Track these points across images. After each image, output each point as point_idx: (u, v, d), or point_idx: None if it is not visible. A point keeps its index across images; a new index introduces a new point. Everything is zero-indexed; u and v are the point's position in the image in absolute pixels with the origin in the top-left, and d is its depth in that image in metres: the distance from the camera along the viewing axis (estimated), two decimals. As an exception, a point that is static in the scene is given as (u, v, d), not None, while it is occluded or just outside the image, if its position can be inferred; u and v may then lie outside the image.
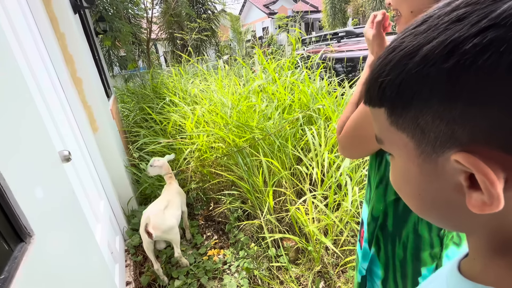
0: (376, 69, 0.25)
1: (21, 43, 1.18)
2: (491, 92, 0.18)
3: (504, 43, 0.17)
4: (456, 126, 0.20)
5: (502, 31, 0.18)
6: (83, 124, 1.86)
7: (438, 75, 0.20)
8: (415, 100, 0.22)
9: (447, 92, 0.20)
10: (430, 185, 0.25)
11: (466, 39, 0.19)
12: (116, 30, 4.77)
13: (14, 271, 0.51)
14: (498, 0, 0.19)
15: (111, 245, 1.70)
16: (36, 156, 0.78)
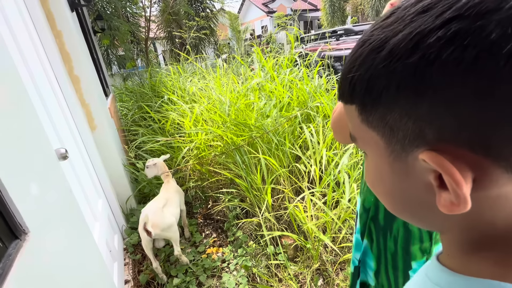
0: (347, 63, 0.24)
1: (17, 40, 1.17)
2: (456, 88, 0.17)
3: (468, 36, 0.16)
4: (423, 124, 0.20)
5: (466, 22, 0.17)
6: (81, 122, 1.85)
7: (404, 71, 0.19)
8: (383, 97, 0.21)
9: (413, 89, 0.19)
10: (402, 184, 0.24)
11: (430, 32, 0.18)
12: (115, 29, 4.76)
13: (8, 269, 0.50)
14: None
15: (110, 244, 1.70)
16: (32, 153, 0.78)
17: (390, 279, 0.66)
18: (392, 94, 0.20)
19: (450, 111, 0.18)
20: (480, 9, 0.16)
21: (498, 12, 0.16)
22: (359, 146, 0.28)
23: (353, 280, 0.71)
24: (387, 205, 0.28)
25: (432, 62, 0.18)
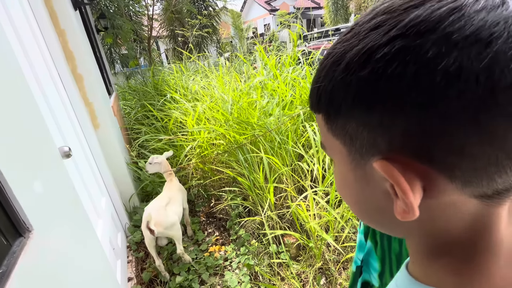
0: (315, 74, 0.25)
1: (20, 39, 1.18)
2: (400, 101, 0.18)
3: (409, 53, 0.18)
4: (375, 134, 0.21)
5: (408, 40, 0.18)
6: (84, 121, 1.86)
7: (357, 83, 0.20)
8: (342, 108, 0.22)
9: (366, 100, 0.20)
10: (364, 191, 0.25)
11: (378, 48, 0.19)
12: (117, 28, 4.77)
13: (12, 266, 0.51)
14: (409, 9, 0.19)
15: (113, 241, 1.71)
16: (35, 152, 0.78)
17: None
18: (349, 106, 0.21)
19: (396, 123, 0.19)
20: (419, 28, 0.18)
21: (434, 32, 0.17)
22: (328, 154, 0.29)
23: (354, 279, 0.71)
24: (354, 211, 0.29)
25: (380, 76, 0.19)
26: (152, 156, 1.96)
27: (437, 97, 0.17)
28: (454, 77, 0.17)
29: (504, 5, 0.17)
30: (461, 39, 0.17)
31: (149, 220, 1.52)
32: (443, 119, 0.18)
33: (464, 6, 0.17)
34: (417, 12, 0.18)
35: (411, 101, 0.18)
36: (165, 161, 1.96)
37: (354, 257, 0.72)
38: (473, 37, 0.16)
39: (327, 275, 1.56)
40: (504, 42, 0.16)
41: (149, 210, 1.59)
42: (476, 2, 0.17)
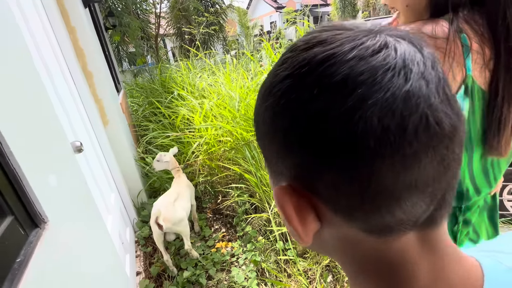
0: None
1: (34, 36, 1.20)
2: (289, 136, 0.20)
3: (293, 93, 0.19)
4: (279, 162, 0.22)
5: (293, 81, 0.19)
6: (94, 117, 1.89)
7: (264, 113, 0.22)
8: (260, 133, 0.24)
9: (270, 130, 0.21)
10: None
11: (276, 84, 0.21)
12: (125, 26, 4.81)
13: (29, 255, 0.52)
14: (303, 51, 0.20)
15: (122, 236, 1.74)
16: (50, 146, 0.80)
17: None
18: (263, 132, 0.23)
19: (289, 154, 0.21)
20: (301, 71, 0.19)
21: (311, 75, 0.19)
22: None
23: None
24: None
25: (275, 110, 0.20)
26: (159, 154, 1.98)
27: (311, 135, 0.18)
28: (322, 118, 0.18)
29: (378, 54, 0.18)
30: (331, 83, 0.18)
31: (158, 216, 1.54)
32: (319, 157, 0.19)
33: (339, 54, 0.18)
34: (305, 55, 0.20)
35: (295, 136, 0.19)
36: (172, 158, 1.98)
37: None
38: (340, 83, 0.18)
39: (334, 273, 1.56)
40: (366, 90, 0.17)
41: (158, 205, 1.61)
42: (350, 50, 0.18)
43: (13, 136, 0.58)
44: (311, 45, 0.20)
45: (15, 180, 0.55)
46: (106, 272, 1.05)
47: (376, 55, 0.18)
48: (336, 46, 0.19)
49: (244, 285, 1.58)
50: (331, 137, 0.18)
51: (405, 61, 0.18)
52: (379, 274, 0.23)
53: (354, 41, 0.19)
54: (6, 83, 0.64)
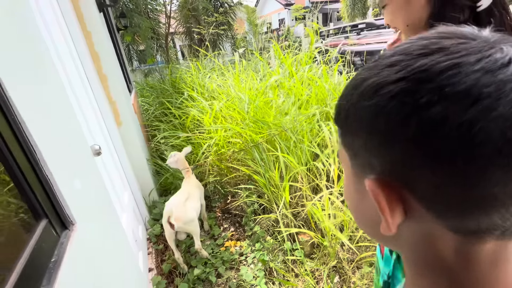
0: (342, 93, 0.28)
1: (54, 43, 1.26)
2: (393, 134, 0.21)
3: (408, 95, 0.20)
4: (372, 156, 0.24)
5: (409, 84, 0.20)
6: (109, 119, 1.95)
7: (365, 110, 0.23)
8: (353, 127, 0.25)
9: (369, 126, 0.23)
10: (361, 203, 0.28)
11: (386, 84, 0.22)
12: (136, 26, 4.89)
13: (62, 255, 0.57)
14: (420, 56, 0.21)
15: (135, 234, 1.81)
16: (73, 151, 0.85)
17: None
18: (357, 127, 0.25)
19: (389, 152, 0.22)
20: (421, 76, 0.20)
21: (431, 82, 0.19)
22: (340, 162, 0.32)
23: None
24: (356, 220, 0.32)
25: (382, 109, 0.22)
26: (172, 153, 2.04)
27: (423, 137, 0.20)
28: (439, 123, 0.19)
29: (505, 68, 0.19)
30: (453, 93, 0.19)
31: (170, 215, 1.59)
32: (426, 157, 0.20)
33: (464, 64, 0.19)
34: (424, 61, 0.20)
35: (403, 136, 0.21)
36: (182, 158, 2.02)
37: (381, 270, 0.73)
38: (463, 93, 0.18)
39: (341, 274, 1.58)
40: (491, 102, 0.18)
41: (170, 205, 1.66)
42: (477, 62, 0.19)
43: (44, 145, 0.63)
44: (430, 51, 0.21)
45: (48, 185, 0.60)
46: (123, 268, 1.10)
47: (505, 68, 0.18)
48: (461, 56, 0.19)
49: (252, 283, 1.62)
50: (446, 142, 0.19)
51: None
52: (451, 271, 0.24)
53: (481, 53, 0.19)
54: (36, 94, 0.70)
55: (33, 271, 0.49)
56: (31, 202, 0.57)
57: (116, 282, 0.94)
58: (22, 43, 0.69)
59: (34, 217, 0.57)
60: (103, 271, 0.83)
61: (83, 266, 0.68)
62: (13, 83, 0.57)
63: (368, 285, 1.49)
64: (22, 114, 0.57)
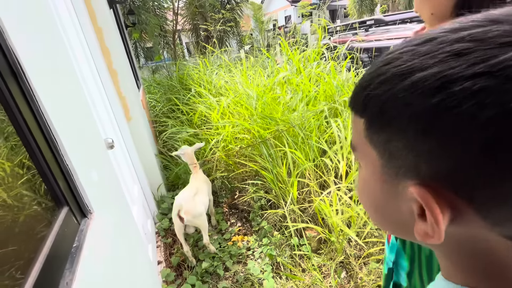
0: (366, 77, 0.24)
1: (68, 39, 1.29)
2: (462, 138, 0.18)
3: (491, 95, 0.17)
4: (421, 160, 0.20)
5: (494, 82, 0.17)
6: (119, 114, 1.99)
7: (421, 107, 0.19)
8: (393, 124, 0.21)
9: (424, 126, 0.19)
10: (388, 203, 0.26)
11: (458, 80, 0.18)
12: (143, 23, 4.93)
13: (83, 241, 0.59)
14: (505, 45, 0.17)
15: (144, 227, 1.84)
16: (90, 144, 0.87)
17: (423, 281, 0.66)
18: (402, 125, 0.21)
19: (450, 156, 0.19)
20: (510, 72, 0.16)
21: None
22: (356, 157, 0.28)
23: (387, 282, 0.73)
24: (371, 216, 0.30)
25: (451, 109, 0.18)
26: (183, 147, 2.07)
27: (504, 146, 0.17)
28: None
29: None
30: None
31: (180, 209, 1.62)
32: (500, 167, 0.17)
33: None
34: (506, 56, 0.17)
35: (474, 143, 0.18)
36: (190, 153, 2.03)
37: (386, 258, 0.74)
38: None
39: (347, 269, 1.59)
40: None
41: (179, 199, 1.69)
42: None
43: (64, 136, 0.65)
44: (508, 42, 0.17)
45: (69, 175, 0.63)
46: (136, 257, 1.13)
47: None
48: None
49: (260, 277, 1.64)
50: None
51: None
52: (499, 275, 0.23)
53: None
54: (55, 86, 0.72)
55: (57, 254, 0.51)
56: (53, 190, 0.59)
57: (129, 270, 0.97)
58: (42, 35, 0.71)
59: (57, 205, 0.59)
60: (118, 258, 0.86)
61: (101, 253, 0.70)
62: (36, 75, 0.59)
63: (375, 281, 1.50)
64: (45, 106, 0.59)
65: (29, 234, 0.49)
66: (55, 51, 0.77)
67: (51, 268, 0.47)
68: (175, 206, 1.66)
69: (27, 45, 0.60)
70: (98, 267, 0.67)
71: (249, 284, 1.61)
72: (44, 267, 0.45)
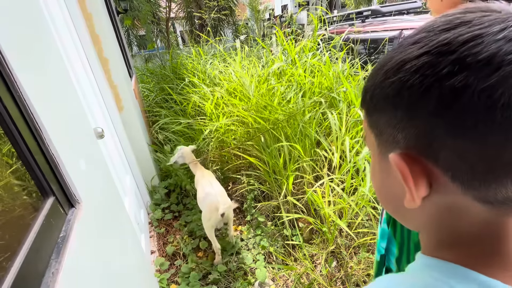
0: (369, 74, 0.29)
1: (55, 24, 1.24)
2: (416, 107, 0.22)
3: (430, 68, 0.21)
4: (396, 131, 0.24)
5: (431, 57, 0.21)
6: (110, 103, 1.95)
7: (389, 87, 0.24)
8: (377, 106, 0.26)
9: (392, 102, 0.24)
10: (386, 180, 0.29)
11: (409, 60, 0.22)
12: (135, 9, 4.79)
13: (70, 231, 0.59)
14: (442, 31, 0.22)
15: (137, 217, 1.84)
16: (78, 133, 0.85)
17: None
18: (382, 104, 0.25)
19: (412, 125, 0.23)
20: (442, 49, 0.21)
21: (453, 54, 0.20)
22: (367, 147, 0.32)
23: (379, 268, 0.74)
24: (379, 199, 0.33)
25: (405, 83, 0.22)
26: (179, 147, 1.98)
27: (445, 107, 0.20)
28: (460, 92, 0.19)
29: None
30: (474, 62, 0.19)
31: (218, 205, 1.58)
32: (449, 126, 0.21)
33: (486, 35, 0.20)
34: (446, 35, 0.21)
35: (425, 108, 0.21)
36: (188, 152, 1.96)
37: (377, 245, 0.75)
38: (485, 61, 0.19)
39: (338, 259, 1.62)
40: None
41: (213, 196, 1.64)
42: (499, 32, 0.19)
43: (50, 125, 0.63)
44: (453, 25, 0.21)
45: (54, 165, 0.61)
46: (127, 248, 1.13)
47: None
48: (484, 27, 0.20)
49: (252, 266, 1.66)
50: (468, 109, 0.19)
51: None
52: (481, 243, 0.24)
53: (504, 23, 0.20)
54: (39, 73, 0.69)
55: (42, 244, 0.50)
56: (38, 180, 0.57)
57: (120, 260, 0.97)
58: (27, 22, 0.68)
59: (42, 195, 0.58)
60: (108, 249, 0.85)
61: (90, 243, 0.70)
62: (18, 62, 0.56)
63: (365, 269, 1.53)
64: (29, 94, 0.57)
65: (13, 225, 0.48)
66: (39, 37, 0.74)
67: (35, 258, 0.46)
68: (213, 204, 1.61)
69: (7, 29, 0.57)
70: (87, 256, 0.66)
71: (242, 273, 1.64)
72: (27, 258, 0.44)
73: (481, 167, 0.21)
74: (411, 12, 3.33)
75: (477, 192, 0.22)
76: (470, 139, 0.20)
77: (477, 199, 0.23)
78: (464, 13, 0.22)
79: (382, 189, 0.31)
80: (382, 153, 0.27)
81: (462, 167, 0.21)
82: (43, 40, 0.76)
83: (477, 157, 0.20)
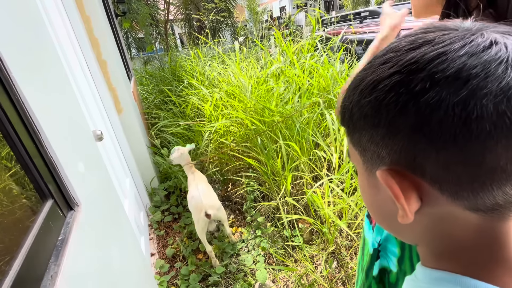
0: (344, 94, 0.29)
1: (53, 27, 1.24)
2: (396, 123, 0.22)
3: (402, 86, 0.22)
4: (380, 148, 0.25)
5: (403, 76, 0.22)
6: (109, 105, 1.95)
7: (366, 106, 0.24)
8: (357, 124, 0.26)
9: (372, 120, 0.24)
10: (376, 196, 0.29)
11: (381, 80, 0.23)
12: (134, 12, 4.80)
13: (68, 234, 0.59)
14: (409, 50, 0.23)
15: (137, 220, 1.83)
16: (77, 135, 0.85)
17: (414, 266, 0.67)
18: (362, 123, 0.26)
19: (395, 141, 0.23)
20: (412, 68, 0.22)
21: (422, 71, 0.21)
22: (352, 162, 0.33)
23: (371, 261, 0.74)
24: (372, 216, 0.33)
25: (381, 103, 0.23)
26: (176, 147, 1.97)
27: (423, 122, 0.21)
28: (436, 107, 0.20)
29: (488, 50, 0.20)
30: (443, 77, 0.20)
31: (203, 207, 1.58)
32: (430, 140, 0.21)
33: (449, 52, 0.21)
34: (413, 54, 0.22)
35: (404, 124, 0.22)
36: (186, 153, 1.95)
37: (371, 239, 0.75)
38: (453, 76, 0.20)
39: (338, 259, 1.62)
40: (480, 81, 0.19)
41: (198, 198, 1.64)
42: (461, 48, 0.21)
43: (48, 127, 0.63)
44: (417, 45, 0.22)
45: (53, 167, 0.61)
46: (127, 250, 1.13)
47: (487, 50, 0.20)
48: (446, 45, 0.21)
49: (252, 267, 1.66)
50: (445, 123, 0.20)
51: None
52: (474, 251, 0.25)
53: (463, 40, 0.21)
54: (38, 75, 0.69)
55: (41, 248, 0.50)
56: (37, 183, 0.57)
57: (120, 263, 0.96)
58: (25, 25, 0.68)
59: (41, 197, 0.58)
60: (108, 251, 0.85)
61: (89, 245, 0.70)
62: (17, 65, 0.56)
63: (365, 270, 1.53)
64: (27, 97, 0.57)
65: (11, 228, 0.48)
66: (38, 39, 0.74)
67: (34, 261, 0.46)
68: (197, 206, 1.61)
69: (6, 32, 0.57)
70: (86, 259, 0.66)
71: (242, 275, 1.63)
72: (26, 261, 0.44)
73: (466, 177, 0.21)
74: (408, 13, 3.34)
75: (467, 202, 0.23)
76: (452, 151, 0.21)
77: (468, 208, 0.23)
78: (425, 33, 0.23)
79: (374, 205, 0.31)
80: (369, 170, 0.28)
81: (448, 179, 0.22)
82: (41, 42, 0.76)
83: (461, 168, 0.21)
